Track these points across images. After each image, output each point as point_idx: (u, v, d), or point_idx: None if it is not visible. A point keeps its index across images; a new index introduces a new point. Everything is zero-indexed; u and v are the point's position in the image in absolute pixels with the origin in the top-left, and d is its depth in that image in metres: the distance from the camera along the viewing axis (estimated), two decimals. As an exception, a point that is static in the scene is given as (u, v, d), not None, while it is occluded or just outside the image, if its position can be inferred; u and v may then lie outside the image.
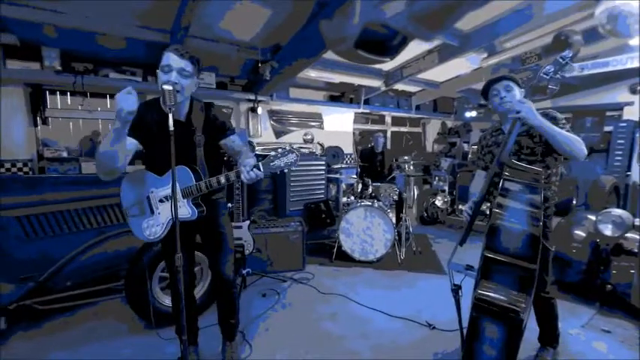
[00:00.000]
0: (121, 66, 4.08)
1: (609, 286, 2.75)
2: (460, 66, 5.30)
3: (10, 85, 3.68)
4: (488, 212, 2.01)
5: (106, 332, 2.48)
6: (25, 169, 3.92)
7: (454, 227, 5.55)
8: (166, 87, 1.49)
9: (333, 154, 6.09)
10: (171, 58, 1.62)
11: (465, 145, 7.54)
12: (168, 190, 1.70)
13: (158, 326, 2.39)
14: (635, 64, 4.27)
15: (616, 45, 4.30)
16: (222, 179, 1.67)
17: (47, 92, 4.16)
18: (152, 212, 1.80)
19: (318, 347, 2.34)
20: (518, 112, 1.74)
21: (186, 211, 1.73)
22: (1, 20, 3.13)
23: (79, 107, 4.53)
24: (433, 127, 8.46)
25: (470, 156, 6.31)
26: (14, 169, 3.85)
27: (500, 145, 1.95)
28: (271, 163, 1.59)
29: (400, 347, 2.36)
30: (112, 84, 4.07)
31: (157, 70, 1.66)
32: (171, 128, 1.50)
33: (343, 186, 4.95)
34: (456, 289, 2.01)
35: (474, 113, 7.11)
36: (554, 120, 1.84)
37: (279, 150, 1.59)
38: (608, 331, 2.53)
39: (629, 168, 5.44)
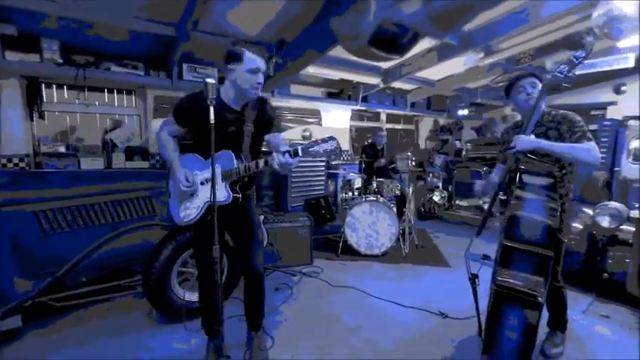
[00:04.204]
0: (123, 59, 4.00)
1: (606, 274, 2.93)
2: (455, 65, 5.41)
3: (7, 78, 3.56)
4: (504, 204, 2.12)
5: (121, 327, 2.45)
6: (22, 165, 3.80)
7: (450, 222, 5.72)
8: (210, 80, 1.52)
9: (332, 150, 6.15)
10: (260, 62, 1.73)
11: (457, 143, 7.73)
12: (208, 174, 1.77)
13: (177, 319, 2.41)
14: (621, 65, 4.50)
15: (603, 47, 4.50)
16: (261, 163, 1.72)
17: (43, 85, 4.04)
18: (191, 194, 1.84)
19: (337, 337, 2.40)
20: (513, 147, 1.87)
21: (221, 194, 1.77)
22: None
23: (76, 101, 4.43)
24: (426, 125, 8.62)
25: (464, 153, 6.47)
26: (10, 165, 3.73)
27: None
28: (310, 149, 1.64)
29: (418, 335, 2.45)
30: (114, 77, 3.99)
31: (243, 72, 1.73)
32: (212, 120, 1.56)
33: (341, 182, 5.02)
34: (473, 278, 2.12)
35: (465, 111, 7.31)
36: (570, 123, 1.95)
37: (320, 138, 1.65)
38: (607, 316, 2.69)
39: (613, 164, 5.70)
